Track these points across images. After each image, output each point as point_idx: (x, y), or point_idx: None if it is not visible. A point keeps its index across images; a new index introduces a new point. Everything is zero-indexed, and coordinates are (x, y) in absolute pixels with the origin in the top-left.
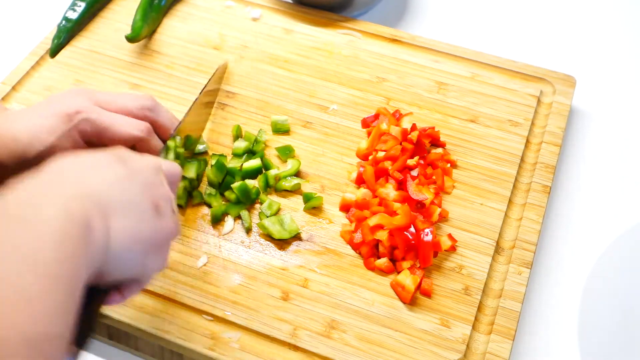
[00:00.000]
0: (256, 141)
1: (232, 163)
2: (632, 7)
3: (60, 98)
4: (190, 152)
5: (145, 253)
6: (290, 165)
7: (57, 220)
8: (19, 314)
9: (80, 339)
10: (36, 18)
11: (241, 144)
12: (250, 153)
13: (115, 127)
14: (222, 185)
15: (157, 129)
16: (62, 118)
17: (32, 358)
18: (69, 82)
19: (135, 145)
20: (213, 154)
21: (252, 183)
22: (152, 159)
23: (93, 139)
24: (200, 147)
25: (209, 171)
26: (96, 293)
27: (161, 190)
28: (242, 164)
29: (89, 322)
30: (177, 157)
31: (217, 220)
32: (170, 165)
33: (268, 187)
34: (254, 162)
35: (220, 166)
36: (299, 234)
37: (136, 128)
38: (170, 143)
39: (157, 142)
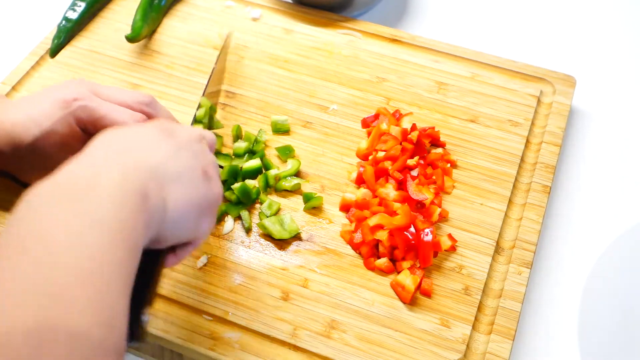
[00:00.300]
0: (256, 141)
1: (233, 163)
2: (632, 7)
3: (60, 86)
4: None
5: (198, 217)
6: (290, 165)
7: (115, 188)
8: (83, 270)
9: (143, 303)
10: (36, 18)
11: (241, 144)
12: (251, 153)
13: (111, 116)
14: (222, 185)
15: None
16: (59, 104)
17: (96, 311)
18: None
19: None
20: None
21: (252, 183)
22: (194, 130)
23: (89, 127)
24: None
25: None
26: (154, 257)
27: (208, 157)
28: (242, 164)
29: (149, 286)
30: (207, 121)
31: (217, 221)
32: (207, 132)
33: (268, 187)
34: (254, 162)
35: (233, 172)
36: (299, 234)
37: (132, 118)
38: (204, 101)
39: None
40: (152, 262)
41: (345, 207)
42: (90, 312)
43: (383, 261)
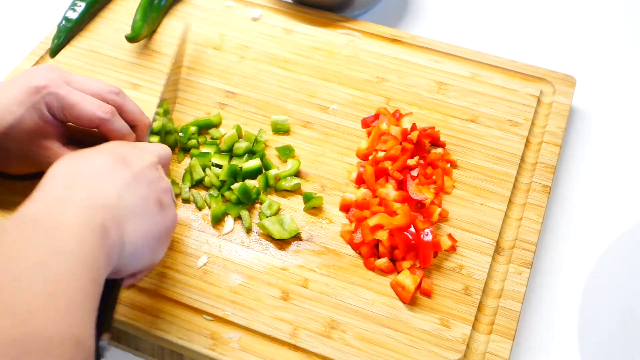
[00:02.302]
0: (256, 141)
1: (233, 162)
2: (632, 7)
3: (31, 72)
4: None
5: (155, 247)
6: (290, 165)
7: (76, 227)
8: (49, 295)
9: (103, 329)
10: (36, 18)
11: (241, 144)
12: (251, 153)
13: (81, 105)
14: (222, 186)
15: (123, 114)
16: (30, 90)
17: (68, 346)
18: None
19: (99, 126)
20: (195, 154)
21: (252, 183)
22: (148, 155)
23: (59, 114)
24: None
25: (212, 173)
26: (110, 285)
27: (162, 184)
28: (242, 164)
29: (107, 313)
30: (162, 130)
31: (217, 221)
32: (161, 150)
33: (268, 187)
34: (254, 163)
35: (232, 172)
36: (299, 234)
37: (101, 109)
38: (159, 110)
39: (121, 125)
40: (108, 290)
41: (345, 207)
42: (57, 334)
43: (383, 261)
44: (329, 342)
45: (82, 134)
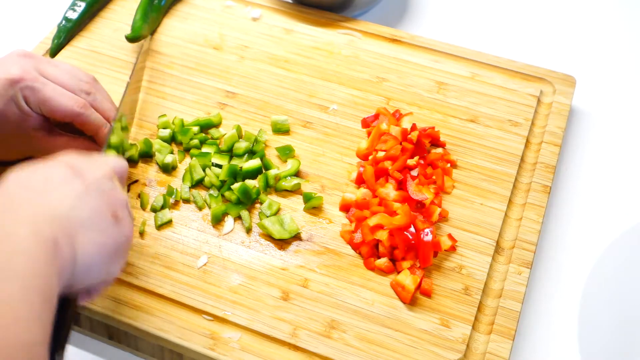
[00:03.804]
0: (256, 141)
1: (233, 162)
2: (632, 7)
3: (5, 62)
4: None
5: (109, 261)
6: (290, 165)
7: (27, 241)
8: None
9: (57, 347)
10: (36, 18)
11: (241, 144)
12: (251, 153)
13: (55, 100)
14: (222, 186)
15: (96, 105)
16: (6, 83)
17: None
18: None
19: (74, 119)
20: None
21: (252, 183)
22: (104, 166)
23: (35, 108)
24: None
25: (212, 173)
26: (65, 301)
27: (117, 196)
28: (242, 164)
29: (64, 330)
30: (119, 146)
31: (217, 220)
32: (117, 162)
33: (268, 187)
34: (254, 163)
35: (232, 172)
36: (299, 234)
37: (76, 104)
38: (116, 124)
39: (95, 117)
40: (63, 306)
41: (345, 207)
42: (6, 350)
43: (383, 261)
44: (329, 342)
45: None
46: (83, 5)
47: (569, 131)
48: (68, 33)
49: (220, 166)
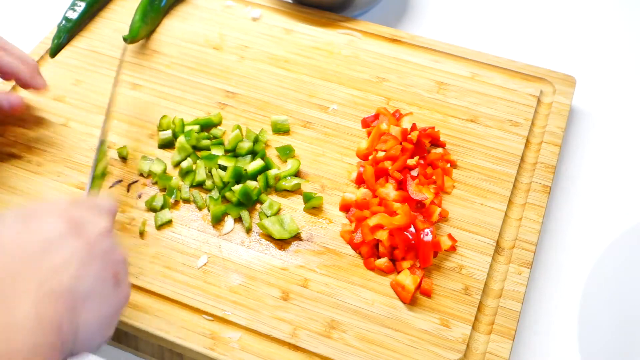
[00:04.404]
0: (257, 140)
1: (238, 164)
2: (632, 7)
3: None
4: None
5: (109, 325)
6: (290, 165)
7: (29, 321)
8: None
9: None
10: (36, 18)
11: (244, 144)
12: (253, 153)
13: None
14: (224, 186)
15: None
16: None
17: None
18: (69, 82)
19: None
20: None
21: (252, 184)
22: (102, 220)
23: None
24: None
25: (217, 174)
26: None
27: (117, 255)
28: (246, 167)
29: None
30: (104, 172)
31: (217, 220)
32: (110, 205)
33: (268, 187)
34: (258, 164)
35: (237, 174)
36: (299, 234)
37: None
38: (100, 154)
39: (8, 61)
40: None
41: (345, 207)
42: None
43: (383, 261)
44: (329, 342)
45: None
46: (83, 5)
47: (569, 131)
48: (68, 33)
49: (225, 168)
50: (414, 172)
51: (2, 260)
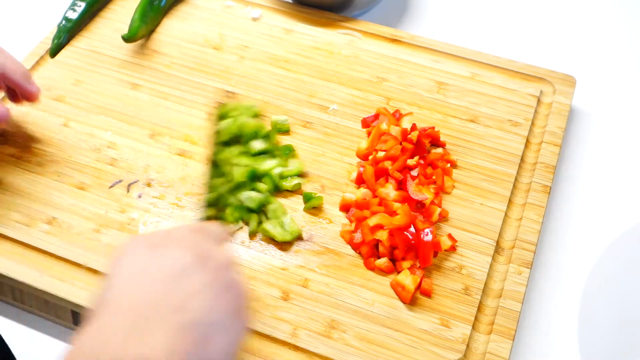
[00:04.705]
0: (268, 136)
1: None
2: (632, 7)
3: None
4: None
5: (232, 357)
6: (292, 165)
7: (161, 355)
8: None
9: None
10: (36, 18)
11: (259, 144)
12: (265, 153)
13: None
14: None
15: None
16: None
17: None
18: (69, 82)
19: None
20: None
21: (263, 187)
22: (224, 252)
23: None
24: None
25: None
26: None
27: (239, 286)
28: (262, 166)
29: None
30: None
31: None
32: (223, 231)
33: (276, 189)
34: (272, 164)
35: (252, 176)
36: (299, 234)
37: None
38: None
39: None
40: None
41: (345, 207)
42: None
43: (383, 261)
44: (329, 342)
45: None
46: (83, 5)
47: (569, 131)
48: (68, 33)
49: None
50: (414, 172)
51: (134, 292)
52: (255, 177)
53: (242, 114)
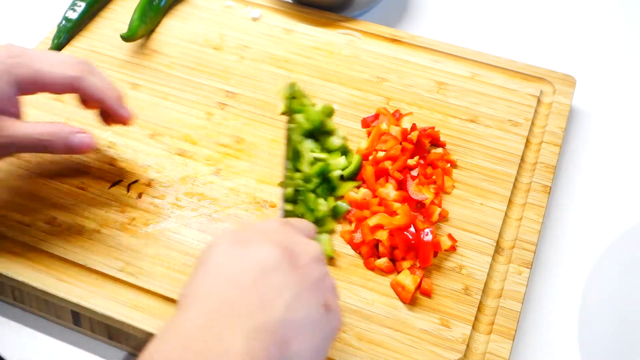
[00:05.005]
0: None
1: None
2: (632, 7)
3: None
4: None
5: (320, 355)
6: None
7: (240, 355)
8: None
9: None
10: (36, 18)
11: (336, 141)
12: (341, 152)
13: (49, 68)
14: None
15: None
16: None
17: None
18: None
19: (73, 84)
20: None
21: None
22: (314, 247)
23: (29, 87)
24: None
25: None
26: None
27: (327, 283)
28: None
29: None
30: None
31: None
32: (311, 226)
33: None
34: (344, 162)
35: (322, 171)
36: (330, 255)
37: (70, 68)
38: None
39: (96, 81)
40: None
41: None
42: None
43: (383, 261)
44: None
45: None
46: (83, 5)
47: (569, 131)
48: (68, 33)
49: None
50: (414, 172)
51: (217, 289)
52: (323, 173)
53: (318, 111)
